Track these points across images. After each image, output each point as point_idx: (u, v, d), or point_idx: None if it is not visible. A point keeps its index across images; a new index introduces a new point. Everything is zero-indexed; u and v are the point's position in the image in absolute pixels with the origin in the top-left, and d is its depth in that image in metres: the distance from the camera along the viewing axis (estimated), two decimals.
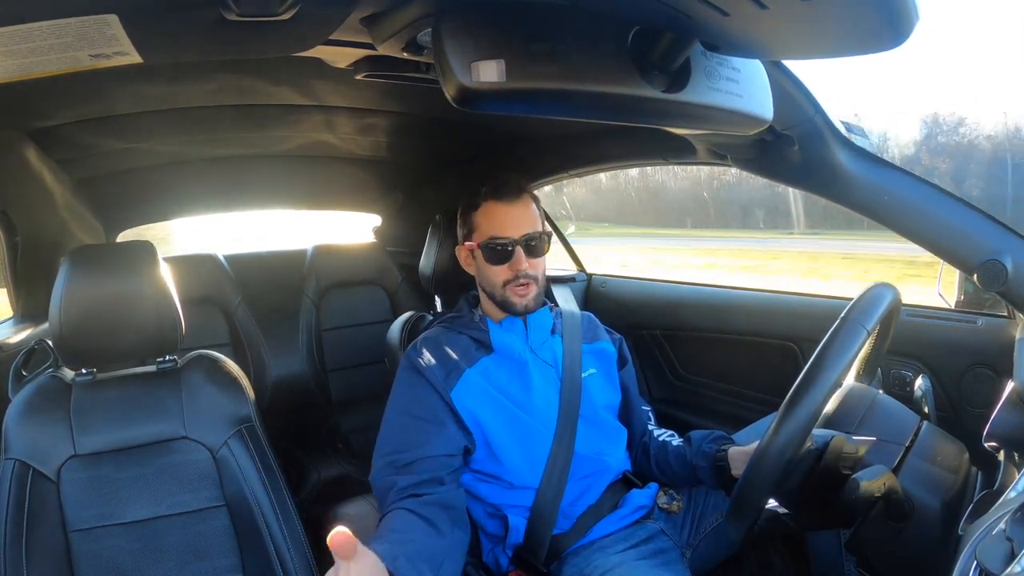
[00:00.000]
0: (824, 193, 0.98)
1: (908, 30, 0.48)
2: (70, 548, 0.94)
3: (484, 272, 1.05)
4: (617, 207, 10.45)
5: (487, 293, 1.06)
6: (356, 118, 1.56)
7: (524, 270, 1.01)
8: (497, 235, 1.01)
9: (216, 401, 1.04)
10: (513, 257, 1.01)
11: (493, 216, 1.02)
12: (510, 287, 1.02)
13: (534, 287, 1.03)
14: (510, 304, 1.03)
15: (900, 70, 16.24)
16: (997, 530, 0.58)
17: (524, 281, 1.02)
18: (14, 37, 0.54)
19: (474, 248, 1.05)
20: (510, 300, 1.03)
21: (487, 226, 1.02)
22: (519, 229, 1.01)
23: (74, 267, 0.95)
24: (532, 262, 1.02)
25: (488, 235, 1.02)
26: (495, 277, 1.03)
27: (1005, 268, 0.87)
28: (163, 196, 1.95)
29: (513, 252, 1.01)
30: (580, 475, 1.03)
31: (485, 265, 1.04)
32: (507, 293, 1.03)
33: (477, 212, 1.04)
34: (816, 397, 0.73)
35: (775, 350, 1.48)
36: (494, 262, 1.02)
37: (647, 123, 0.77)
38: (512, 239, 1.01)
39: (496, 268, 1.02)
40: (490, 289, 1.05)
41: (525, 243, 1.01)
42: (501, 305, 1.05)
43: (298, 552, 0.99)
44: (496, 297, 1.04)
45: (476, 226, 1.04)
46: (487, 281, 1.05)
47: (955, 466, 0.81)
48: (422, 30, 0.62)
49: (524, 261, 1.01)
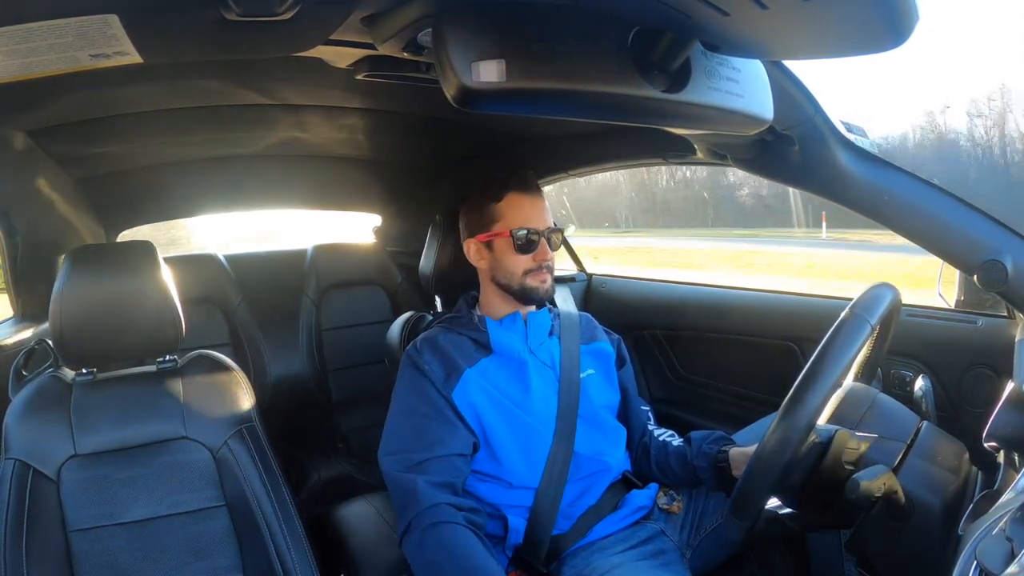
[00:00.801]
0: (824, 193, 0.98)
1: (908, 30, 0.48)
2: (70, 548, 0.93)
3: (505, 262, 1.05)
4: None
5: (503, 285, 1.06)
6: (356, 118, 1.56)
7: (549, 260, 1.04)
8: (528, 225, 1.03)
9: (216, 401, 1.04)
10: (538, 247, 1.03)
11: (521, 207, 1.04)
12: (531, 275, 1.04)
13: (551, 277, 1.06)
14: (531, 290, 1.04)
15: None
16: (997, 530, 0.58)
17: (545, 270, 1.04)
18: (14, 37, 0.54)
19: (493, 239, 1.05)
20: (531, 286, 1.04)
21: (515, 217, 1.04)
22: (544, 221, 1.05)
23: (74, 267, 0.95)
24: (551, 255, 1.05)
25: (518, 224, 1.03)
26: (517, 267, 1.04)
27: (1005, 268, 0.87)
28: (163, 196, 1.95)
29: (538, 243, 1.03)
30: (580, 475, 1.03)
31: (509, 255, 1.04)
32: (527, 280, 1.04)
33: (500, 203, 1.05)
34: (820, 391, 0.74)
35: (775, 350, 1.48)
36: (522, 251, 1.03)
37: (647, 123, 0.77)
38: (539, 230, 1.03)
39: (521, 258, 1.04)
40: (507, 280, 1.05)
41: (549, 235, 1.04)
42: (520, 294, 1.05)
43: (298, 552, 0.98)
44: (514, 287, 1.05)
45: (498, 216, 1.05)
46: (505, 271, 1.05)
47: (955, 466, 0.81)
48: (422, 30, 0.62)
49: (549, 252, 1.04)
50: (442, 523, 0.89)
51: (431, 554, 0.88)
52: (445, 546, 0.88)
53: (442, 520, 0.90)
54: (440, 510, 0.90)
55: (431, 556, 0.88)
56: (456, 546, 0.88)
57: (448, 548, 0.88)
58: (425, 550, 0.89)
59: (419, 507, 0.91)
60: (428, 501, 0.91)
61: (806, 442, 0.77)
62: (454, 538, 0.89)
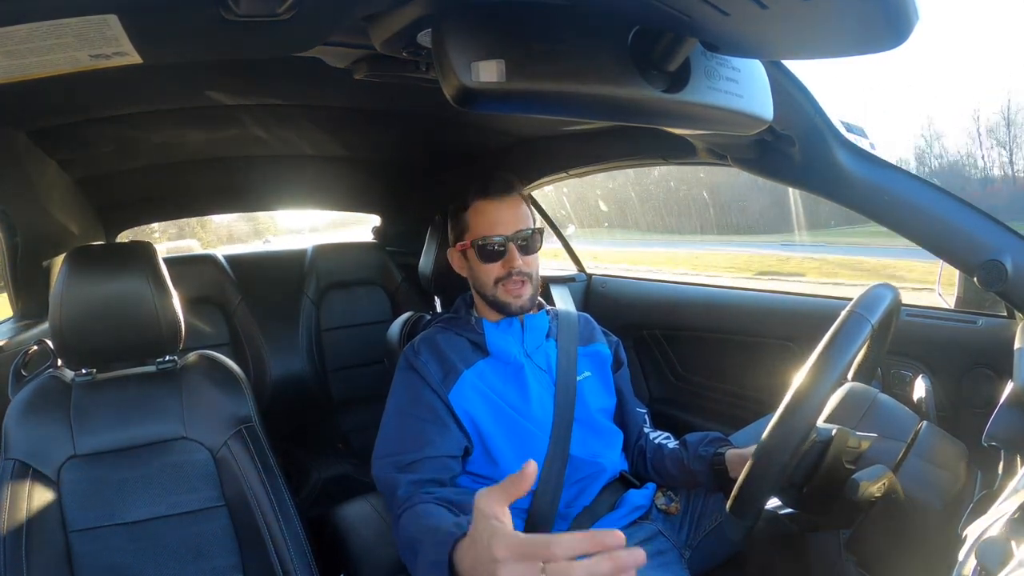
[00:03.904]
0: (824, 193, 0.98)
1: (908, 30, 0.48)
2: (70, 548, 0.94)
3: (477, 272, 1.04)
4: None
5: (480, 294, 1.06)
6: (356, 118, 1.56)
7: (518, 267, 1.01)
8: (489, 233, 1.01)
9: (216, 401, 1.04)
10: (506, 254, 1.01)
11: (484, 214, 1.02)
12: (502, 285, 1.02)
13: (528, 286, 1.03)
14: (503, 304, 1.03)
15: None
16: (997, 530, 0.58)
17: (518, 279, 1.02)
18: (14, 37, 0.54)
19: (466, 248, 1.05)
20: (503, 300, 1.03)
21: (478, 225, 1.02)
22: (511, 226, 1.02)
23: (74, 267, 0.95)
24: (526, 259, 1.02)
25: (480, 233, 1.01)
26: (487, 276, 1.03)
27: (1005, 268, 0.87)
28: (163, 196, 1.95)
29: (506, 249, 1.01)
30: (576, 478, 1.03)
31: (478, 264, 1.03)
32: (499, 293, 1.02)
33: (467, 212, 1.04)
34: (820, 390, 0.73)
35: (775, 350, 1.47)
36: (487, 260, 1.02)
37: (647, 123, 0.77)
38: (505, 236, 1.01)
39: (489, 266, 1.02)
40: (482, 290, 1.04)
41: (518, 240, 1.01)
42: (494, 306, 1.04)
43: (298, 552, 0.99)
44: (488, 297, 1.04)
45: (468, 226, 1.04)
46: (479, 281, 1.04)
47: (955, 466, 0.80)
48: (422, 30, 0.62)
49: (518, 258, 1.01)
50: (413, 505, 0.87)
51: (405, 532, 0.84)
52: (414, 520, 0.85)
53: (414, 503, 0.87)
54: (415, 496, 0.88)
55: (406, 534, 0.84)
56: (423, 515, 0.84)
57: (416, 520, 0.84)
58: (401, 532, 0.86)
59: (399, 501, 0.89)
60: (406, 493, 0.90)
61: (806, 441, 0.77)
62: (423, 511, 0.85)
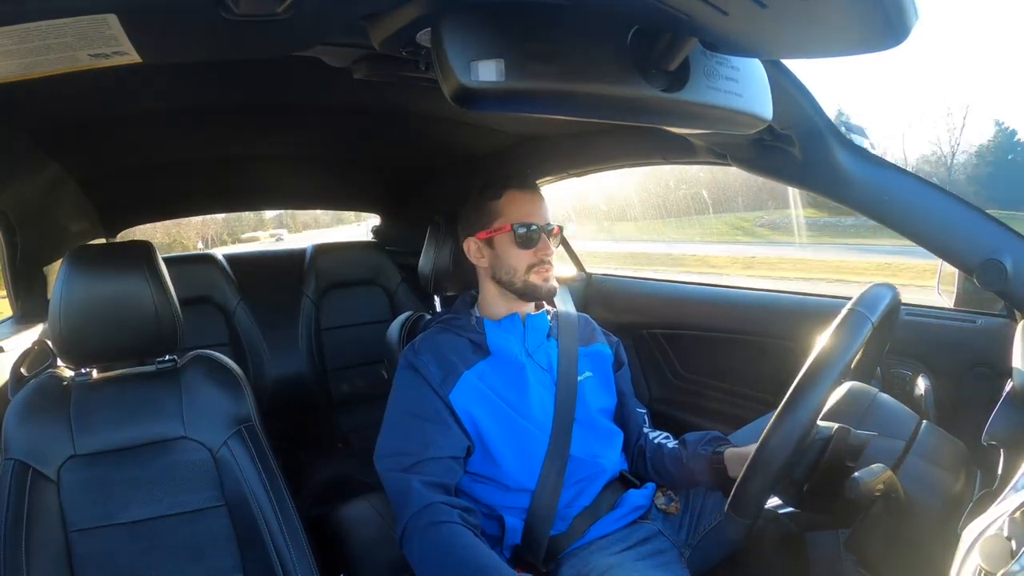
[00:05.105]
0: (824, 193, 0.98)
1: (907, 30, 0.48)
2: (70, 548, 0.94)
3: (507, 258, 1.05)
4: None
5: (504, 282, 1.06)
6: (356, 118, 1.56)
7: (551, 255, 1.05)
8: (528, 220, 1.04)
9: (216, 401, 1.04)
10: (539, 242, 1.04)
11: (521, 203, 1.05)
12: (534, 270, 1.04)
13: (553, 275, 1.07)
14: (534, 287, 1.05)
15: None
16: (997, 530, 0.58)
17: (548, 265, 1.05)
18: (13, 37, 0.54)
19: (496, 235, 1.05)
20: (534, 283, 1.05)
21: (515, 212, 1.05)
22: (542, 218, 1.06)
23: (73, 267, 0.95)
24: (552, 250, 1.06)
25: (519, 219, 1.04)
26: (520, 262, 1.04)
27: (1005, 268, 0.87)
28: (163, 196, 1.95)
29: (539, 238, 1.04)
30: (576, 478, 1.03)
31: (511, 250, 1.05)
32: (532, 277, 1.05)
33: (500, 201, 1.06)
34: (821, 388, 0.73)
35: (775, 350, 1.47)
36: (524, 246, 1.04)
37: (646, 123, 0.77)
38: (540, 225, 1.04)
39: (524, 252, 1.04)
40: (510, 277, 1.05)
41: (548, 231, 1.05)
42: (522, 291, 1.05)
43: (298, 552, 0.99)
44: (517, 284, 1.05)
45: (499, 213, 1.06)
46: (508, 267, 1.05)
47: (955, 466, 0.80)
48: (421, 29, 0.62)
49: (551, 247, 1.05)
50: (439, 523, 0.89)
51: (434, 558, 0.88)
52: (446, 548, 0.88)
53: (439, 520, 0.90)
54: (435, 509, 0.90)
55: (434, 560, 0.88)
56: (457, 546, 0.88)
57: (450, 549, 0.88)
58: (427, 554, 0.89)
59: (414, 507, 0.91)
60: (422, 501, 0.91)
61: (806, 439, 0.77)
62: (453, 538, 0.88)
